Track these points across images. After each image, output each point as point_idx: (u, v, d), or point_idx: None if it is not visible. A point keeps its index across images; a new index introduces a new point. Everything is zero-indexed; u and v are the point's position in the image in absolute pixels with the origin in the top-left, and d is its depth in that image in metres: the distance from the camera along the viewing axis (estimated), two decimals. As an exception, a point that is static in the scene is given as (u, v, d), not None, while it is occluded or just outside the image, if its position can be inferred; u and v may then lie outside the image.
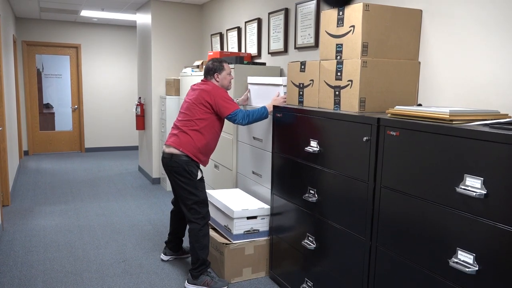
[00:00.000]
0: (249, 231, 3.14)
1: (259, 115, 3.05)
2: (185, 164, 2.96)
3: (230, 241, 3.10)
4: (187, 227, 3.60)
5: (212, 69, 3.12)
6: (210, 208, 3.42)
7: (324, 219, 2.46)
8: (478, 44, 2.16)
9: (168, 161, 3.01)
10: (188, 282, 3.00)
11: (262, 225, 3.17)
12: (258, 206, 3.17)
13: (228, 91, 3.17)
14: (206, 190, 3.56)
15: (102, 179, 6.31)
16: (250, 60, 4.40)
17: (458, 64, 2.26)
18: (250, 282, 3.15)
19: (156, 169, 6.13)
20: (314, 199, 2.52)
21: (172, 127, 3.14)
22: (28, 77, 8.07)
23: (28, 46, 8.00)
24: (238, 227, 3.10)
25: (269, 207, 3.16)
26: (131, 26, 8.61)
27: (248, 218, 3.12)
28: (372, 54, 2.34)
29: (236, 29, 4.87)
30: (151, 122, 6.10)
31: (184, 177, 2.97)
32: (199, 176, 3.03)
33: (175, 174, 2.99)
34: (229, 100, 3.03)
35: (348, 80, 2.36)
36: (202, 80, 3.17)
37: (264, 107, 3.06)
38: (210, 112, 3.01)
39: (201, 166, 3.32)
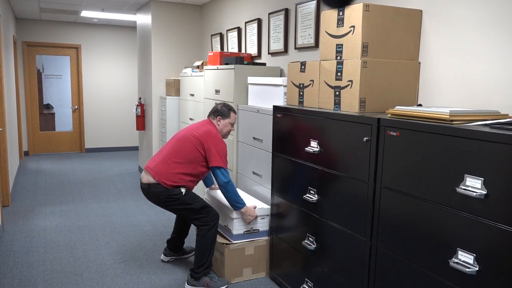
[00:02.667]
0: (249, 231, 3.14)
1: (236, 198, 2.99)
2: (164, 192, 2.94)
3: (230, 241, 3.10)
4: (192, 227, 3.61)
5: (218, 112, 3.13)
6: None
7: (324, 219, 2.46)
8: (478, 44, 2.16)
9: (147, 192, 3.01)
10: (187, 283, 3.00)
11: (262, 225, 3.17)
12: (259, 206, 3.17)
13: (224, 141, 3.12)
14: (206, 190, 3.56)
15: (102, 180, 6.31)
16: (250, 60, 4.40)
17: (458, 64, 2.26)
18: (250, 282, 3.14)
19: (156, 170, 6.13)
20: (314, 199, 2.52)
21: (157, 153, 3.12)
22: (28, 77, 8.07)
23: (28, 47, 8.01)
24: (238, 227, 3.10)
25: (269, 207, 3.16)
26: (131, 27, 8.62)
27: None
28: (372, 54, 2.34)
29: (236, 29, 4.87)
30: (151, 123, 6.10)
31: (170, 201, 2.97)
32: (184, 191, 2.98)
33: (159, 202, 3.00)
34: (223, 155, 2.99)
35: (348, 81, 2.36)
36: (205, 120, 3.17)
37: (244, 203, 3.03)
38: (200, 153, 2.99)
39: None
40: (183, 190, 2.97)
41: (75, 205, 5.00)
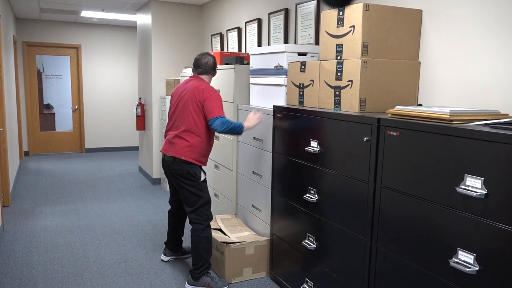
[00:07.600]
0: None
1: (235, 127, 2.89)
2: (189, 167, 2.95)
3: (231, 241, 3.10)
4: (188, 227, 3.62)
5: (212, 67, 3.09)
6: None
7: (325, 219, 2.46)
8: (478, 44, 2.16)
9: (170, 164, 2.98)
10: (188, 283, 3.00)
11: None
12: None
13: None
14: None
15: (102, 180, 6.31)
16: (250, 60, 4.40)
17: (458, 64, 2.26)
18: (251, 282, 3.14)
19: (157, 170, 6.13)
20: (315, 199, 2.52)
21: (168, 132, 3.08)
22: (29, 77, 8.08)
23: (28, 47, 8.01)
24: None
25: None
26: (131, 27, 8.62)
27: None
28: (372, 54, 2.34)
29: (236, 29, 4.87)
30: (152, 123, 6.10)
31: (188, 180, 2.96)
32: (203, 177, 3.02)
33: (178, 177, 2.98)
34: (219, 107, 2.92)
35: (348, 80, 2.36)
36: (193, 76, 3.08)
37: (241, 123, 2.94)
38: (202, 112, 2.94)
39: (204, 167, 3.30)
40: (203, 176, 3.02)
41: (75, 205, 5.00)
